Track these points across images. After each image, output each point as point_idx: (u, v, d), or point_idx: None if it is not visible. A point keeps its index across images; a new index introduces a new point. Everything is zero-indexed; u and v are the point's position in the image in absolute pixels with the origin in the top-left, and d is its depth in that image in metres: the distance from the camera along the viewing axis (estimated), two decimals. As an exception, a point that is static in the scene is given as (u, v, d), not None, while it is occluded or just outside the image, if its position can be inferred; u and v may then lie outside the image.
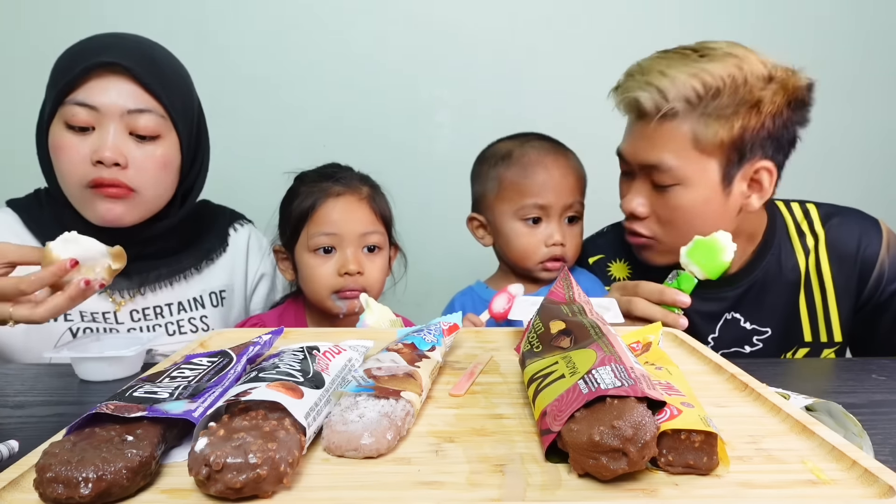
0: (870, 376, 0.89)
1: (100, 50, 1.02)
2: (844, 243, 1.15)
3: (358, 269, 1.15)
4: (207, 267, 1.19)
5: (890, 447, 0.64)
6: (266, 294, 1.29)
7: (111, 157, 1.00)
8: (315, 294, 1.18)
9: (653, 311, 0.97)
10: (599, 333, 0.55)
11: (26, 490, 0.43)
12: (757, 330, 1.17)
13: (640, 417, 0.43)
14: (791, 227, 1.18)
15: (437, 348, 0.65)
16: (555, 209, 1.18)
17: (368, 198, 1.19)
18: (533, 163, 1.19)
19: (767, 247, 1.16)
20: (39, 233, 1.09)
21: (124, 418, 0.46)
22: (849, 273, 1.14)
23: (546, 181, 1.18)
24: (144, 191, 1.05)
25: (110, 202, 1.03)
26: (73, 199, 1.05)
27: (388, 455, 0.48)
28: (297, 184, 1.22)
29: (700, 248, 0.98)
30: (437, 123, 1.80)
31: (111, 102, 1.01)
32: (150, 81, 1.02)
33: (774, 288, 1.15)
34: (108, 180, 1.01)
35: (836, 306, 1.16)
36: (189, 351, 0.73)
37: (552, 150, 1.21)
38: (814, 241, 1.16)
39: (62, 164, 1.03)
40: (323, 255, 1.16)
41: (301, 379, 0.51)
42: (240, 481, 0.40)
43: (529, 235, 1.19)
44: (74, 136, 1.01)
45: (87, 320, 1.09)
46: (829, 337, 1.17)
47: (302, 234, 1.17)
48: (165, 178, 1.07)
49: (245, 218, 1.30)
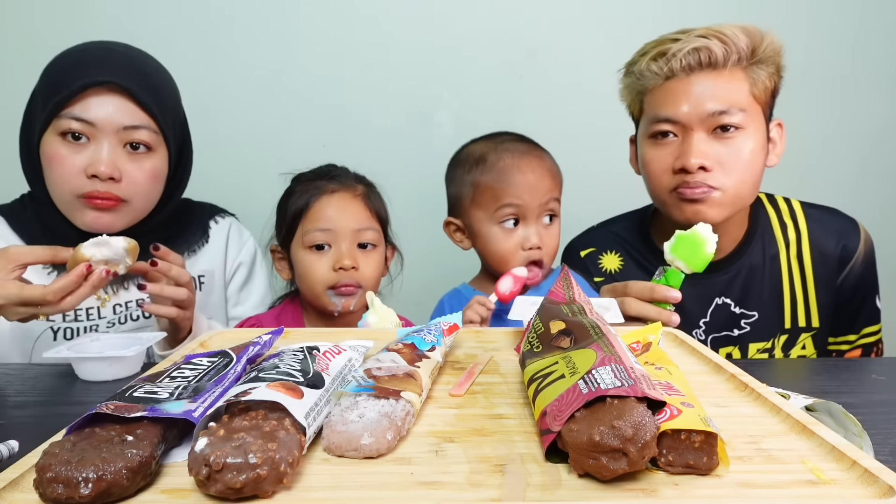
0: (870, 376, 0.89)
1: (95, 66, 1.04)
2: (826, 239, 1.21)
3: (353, 263, 1.15)
4: (189, 259, 1.22)
5: (890, 447, 0.64)
6: (242, 282, 1.32)
7: (106, 172, 1.03)
8: (311, 290, 1.18)
9: (647, 311, 0.99)
10: (599, 333, 0.55)
11: (26, 490, 0.43)
12: (745, 314, 1.20)
13: (640, 417, 0.43)
14: (773, 218, 1.23)
15: (437, 348, 0.65)
16: (531, 211, 1.18)
17: (363, 195, 1.21)
18: (508, 167, 1.19)
19: (753, 234, 1.21)
20: (25, 233, 1.13)
21: (124, 418, 0.46)
22: (829, 265, 1.21)
23: (522, 184, 1.18)
24: (135, 201, 1.09)
25: (99, 212, 1.06)
26: (63, 205, 1.08)
27: (388, 455, 0.48)
28: (294, 184, 1.24)
29: (683, 243, 1.00)
30: (437, 123, 1.80)
31: (107, 118, 1.04)
32: (144, 99, 1.06)
33: (759, 274, 1.20)
34: (101, 194, 1.05)
35: (815, 295, 1.21)
36: (189, 351, 0.73)
37: (527, 152, 1.22)
38: (796, 234, 1.21)
39: (55, 175, 1.05)
40: (318, 252, 1.17)
41: (301, 379, 0.51)
42: (240, 481, 0.40)
43: (506, 240, 1.19)
44: (69, 149, 1.04)
45: (70, 319, 1.11)
46: (807, 322, 1.21)
47: (297, 231, 1.18)
48: (155, 188, 1.12)
49: (226, 211, 1.33)
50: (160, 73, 1.13)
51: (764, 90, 1.11)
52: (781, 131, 1.17)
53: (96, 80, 1.03)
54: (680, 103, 1.09)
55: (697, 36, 1.08)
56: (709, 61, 1.08)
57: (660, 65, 1.10)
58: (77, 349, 0.87)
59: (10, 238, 1.12)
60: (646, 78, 1.13)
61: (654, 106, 1.13)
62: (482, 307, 1.10)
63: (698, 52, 1.07)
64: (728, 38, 1.07)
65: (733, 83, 1.09)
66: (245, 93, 1.74)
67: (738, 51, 1.07)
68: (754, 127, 1.10)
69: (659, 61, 1.11)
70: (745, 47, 1.08)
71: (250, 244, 1.32)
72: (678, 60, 1.08)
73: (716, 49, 1.07)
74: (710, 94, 1.08)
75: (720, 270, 1.19)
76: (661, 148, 1.13)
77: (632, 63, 1.17)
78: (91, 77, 1.02)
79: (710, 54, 1.07)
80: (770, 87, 1.12)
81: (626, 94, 1.20)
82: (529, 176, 1.18)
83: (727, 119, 1.07)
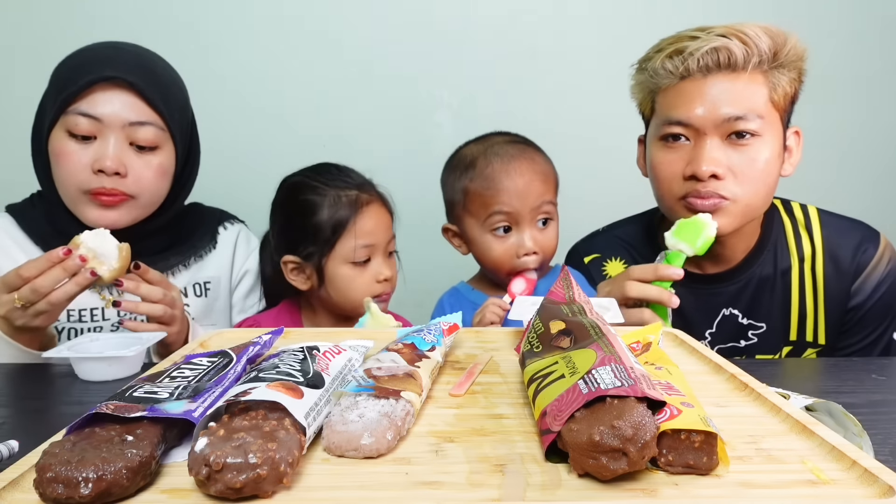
0: (870, 376, 0.89)
1: (103, 62, 1.05)
2: (842, 250, 1.14)
3: (392, 273, 1.19)
4: (196, 263, 1.22)
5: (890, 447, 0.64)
6: (248, 290, 1.31)
7: (112, 167, 1.04)
8: (350, 303, 1.18)
9: (648, 291, 0.97)
10: (599, 333, 0.55)
11: (26, 490, 0.43)
12: (753, 325, 1.17)
13: (640, 417, 0.43)
14: (789, 229, 1.18)
15: (437, 348, 0.65)
16: (524, 216, 1.15)
17: (385, 201, 1.22)
18: (496, 172, 1.16)
19: (764, 244, 1.16)
20: (33, 233, 1.13)
21: (124, 418, 0.46)
22: (842, 279, 1.14)
23: (511, 189, 1.14)
24: (141, 197, 1.09)
25: (105, 209, 1.07)
26: (70, 201, 1.09)
27: (388, 455, 0.48)
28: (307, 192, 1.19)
29: (684, 228, 1.00)
30: (437, 123, 1.80)
31: (114, 114, 1.04)
32: (151, 95, 1.06)
33: (769, 285, 1.16)
34: (108, 190, 1.05)
35: (825, 310, 1.16)
36: (189, 351, 0.73)
37: (517, 156, 1.17)
38: (811, 246, 1.16)
39: (62, 171, 1.06)
40: (360, 266, 1.17)
41: (301, 379, 0.51)
42: (240, 481, 0.40)
43: (500, 247, 1.17)
44: (76, 144, 1.05)
45: (74, 320, 1.11)
46: (814, 338, 1.17)
47: (337, 247, 1.16)
48: (161, 185, 1.12)
49: (236, 218, 1.33)
50: (168, 71, 1.14)
51: (784, 96, 1.05)
52: (798, 139, 1.12)
53: (103, 76, 1.03)
54: (694, 106, 1.04)
55: (717, 35, 1.02)
56: (728, 62, 1.02)
57: (675, 63, 1.05)
58: (77, 349, 0.87)
59: (18, 238, 1.13)
60: (659, 76, 1.07)
61: (667, 107, 1.08)
62: (499, 308, 1.07)
63: (717, 52, 1.02)
64: (750, 38, 1.01)
65: (752, 87, 1.03)
66: (245, 93, 1.74)
67: (759, 53, 1.02)
68: (771, 134, 1.05)
69: (675, 59, 1.05)
70: (767, 49, 1.02)
71: (257, 252, 1.32)
72: (695, 60, 1.03)
73: (736, 50, 1.01)
74: (727, 98, 1.02)
75: (729, 280, 1.15)
76: (671, 152, 1.08)
77: (646, 59, 1.11)
78: (98, 73, 1.03)
79: (730, 55, 1.01)
80: (790, 93, 1.06)
81: (638, 92, 1.15)
82: (518, 181, 1.15)
83: (743, 125, 1.02)
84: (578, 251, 1.29)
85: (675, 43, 1.06)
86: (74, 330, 1.11)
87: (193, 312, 1.20)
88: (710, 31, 1.04)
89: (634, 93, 1.16)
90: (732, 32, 1.02)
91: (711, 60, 1.03)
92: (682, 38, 1.06)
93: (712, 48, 1.02)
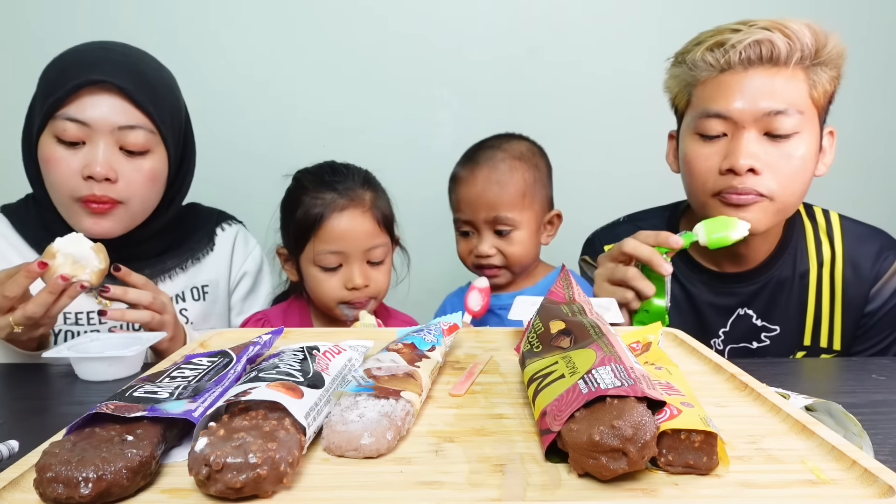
0: (870, 376, 0.89)
1: (90, 66, 1.03)
2: (862, 258, 1.14)
3: (364, 282, 1.16)
4: (194, 266, 1.20)
5: (890, 447, 0.64)
6: (247, 291, 1.30)
7: (102, 173, 1.02)
8: (322, 304, 1.18)
9: (641, 249, 0.97)
10: (599, 333, 0.55)
11: (26, 490, 0.43)
12: (766, 327, 1.16)
13: (640, 417, 0.43)
14: (809, 232, 1.17)
15: (437, 348, 0.65)
16: (479, 223, 1.24)
17: (371, 207, 1.17)
18: (463, 178, 1.26)
19: (785, 247, 1.15)
20: (28, 236, 1.12)
21: (124, 418, 0.46)
22: (861, 286, 1.14)
23: (466, 197, 1.24)
24: (132, 203, 1.07)
25: (97, 217, 1.05)
26: (62, 209, 1.07)
27: (388, 455, 0.48)
28: (298, 190, 1.19)
29: (717, 222, 1.00)
30: (437, 123, 1.80)
31: (102, 118, 1.02)
32: (140, 98, 1.04)
33: (786, 288, 1.15)
34: (98, 197, 1.03)
35: (841, 317, 1.15)
36: (189, 351, 0.73)
37: (482, 163, 1.24)
38: (830, 251, 1.15)
39: (52, 177, 1.04)
40: (329, 271, 1.16)
41: (301, 379, 0.51)
42: (240, 481, 0.40)
43: (460, 247, 1.29)
44: (65, 150, 1.03)
45: (70, 323, 1.10)
46: (829, 343, 1.16)
47: (307, 248, 1.16)
48: (153, 190, 1.10)
49: (234, 219, 1.31)
50: (158, 71, 1.11)
51: (823, 94, 1.03)
52: (833, 140, 1.10)
53: (90, 80, 1.01)
54: (733, 98, 1.01)
55: (760, 28, 1.01)
56: (770, 56, 1.00)
57: (716, 56, 1.02)
58: (77, 349, 0.87)
59: (12, 239, 1.11)
60: (698, 69, 1.05)
61: (705, 99, 1.05)
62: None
63: (760, 45, 1.00)
64: (793, 33, 0.99)
65: (793, 82, 1.01)
66: (245, 93, 1.74)
67: (802, 48, 1.00)
68: (809, 132, 1.03)
69: (716, 52, 1.03)
70: (810, 45, 1.00)
71: (256, 253, 1.30)
72: (737, 52, 1.01)
73: (779, 43, 0.99)
74: (768, 92, 1.00)
75: (747, 281, 1.14)
76: (707, 146, 1.05)
77: (684, 52, 1.09)
78: (85, 77, 1.01)
79: (773, 48, 0.99)
80: (830, 92, 1.05)
81: (674, 85, 1.12)
82: (472, 189, 1.23)
83: (783, 120, 1.00)
84: (599, 238, 1.27)
85: (715, 35, 1.04)
86: (72, 332, 1.11)
87: (192, 317, 1.19)
88: (753, 24, 1.02)
89: (669, 87, 1.14)
90: (776, 26, 1.01)
91: (754, 53, 1.01)
92: (724, 30, 1.04)
93: (755, 41, 1.00)
